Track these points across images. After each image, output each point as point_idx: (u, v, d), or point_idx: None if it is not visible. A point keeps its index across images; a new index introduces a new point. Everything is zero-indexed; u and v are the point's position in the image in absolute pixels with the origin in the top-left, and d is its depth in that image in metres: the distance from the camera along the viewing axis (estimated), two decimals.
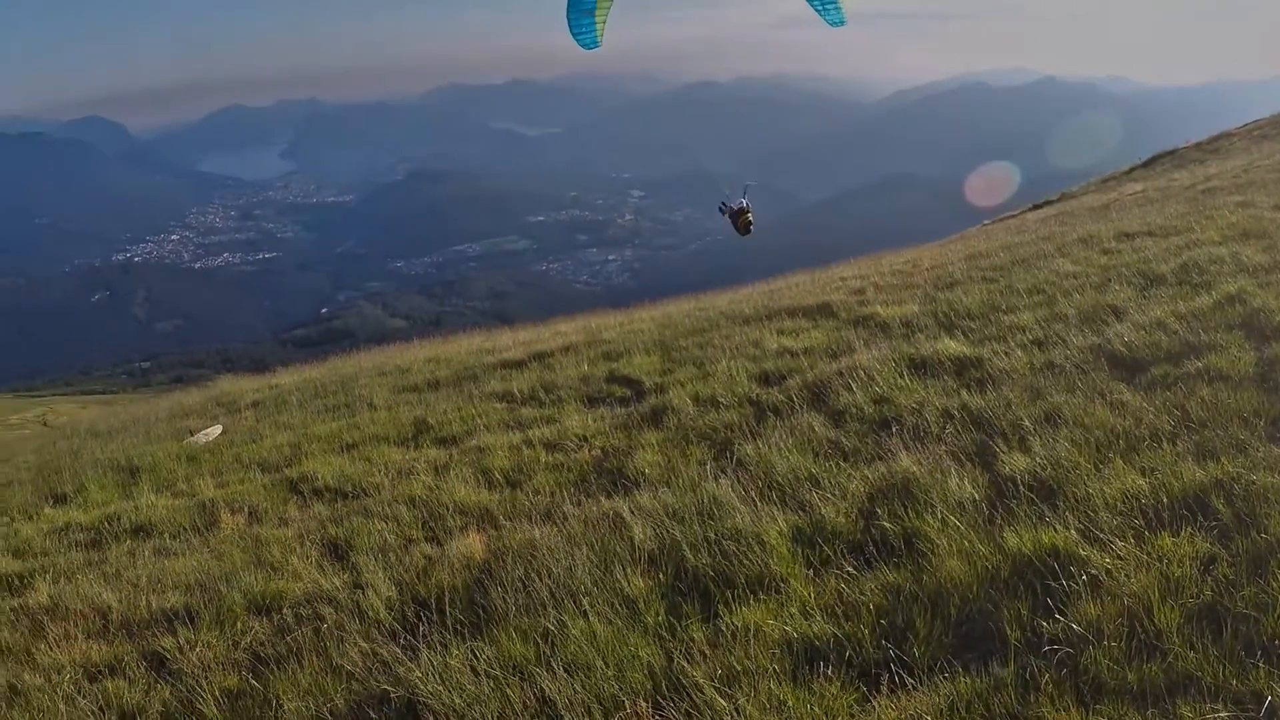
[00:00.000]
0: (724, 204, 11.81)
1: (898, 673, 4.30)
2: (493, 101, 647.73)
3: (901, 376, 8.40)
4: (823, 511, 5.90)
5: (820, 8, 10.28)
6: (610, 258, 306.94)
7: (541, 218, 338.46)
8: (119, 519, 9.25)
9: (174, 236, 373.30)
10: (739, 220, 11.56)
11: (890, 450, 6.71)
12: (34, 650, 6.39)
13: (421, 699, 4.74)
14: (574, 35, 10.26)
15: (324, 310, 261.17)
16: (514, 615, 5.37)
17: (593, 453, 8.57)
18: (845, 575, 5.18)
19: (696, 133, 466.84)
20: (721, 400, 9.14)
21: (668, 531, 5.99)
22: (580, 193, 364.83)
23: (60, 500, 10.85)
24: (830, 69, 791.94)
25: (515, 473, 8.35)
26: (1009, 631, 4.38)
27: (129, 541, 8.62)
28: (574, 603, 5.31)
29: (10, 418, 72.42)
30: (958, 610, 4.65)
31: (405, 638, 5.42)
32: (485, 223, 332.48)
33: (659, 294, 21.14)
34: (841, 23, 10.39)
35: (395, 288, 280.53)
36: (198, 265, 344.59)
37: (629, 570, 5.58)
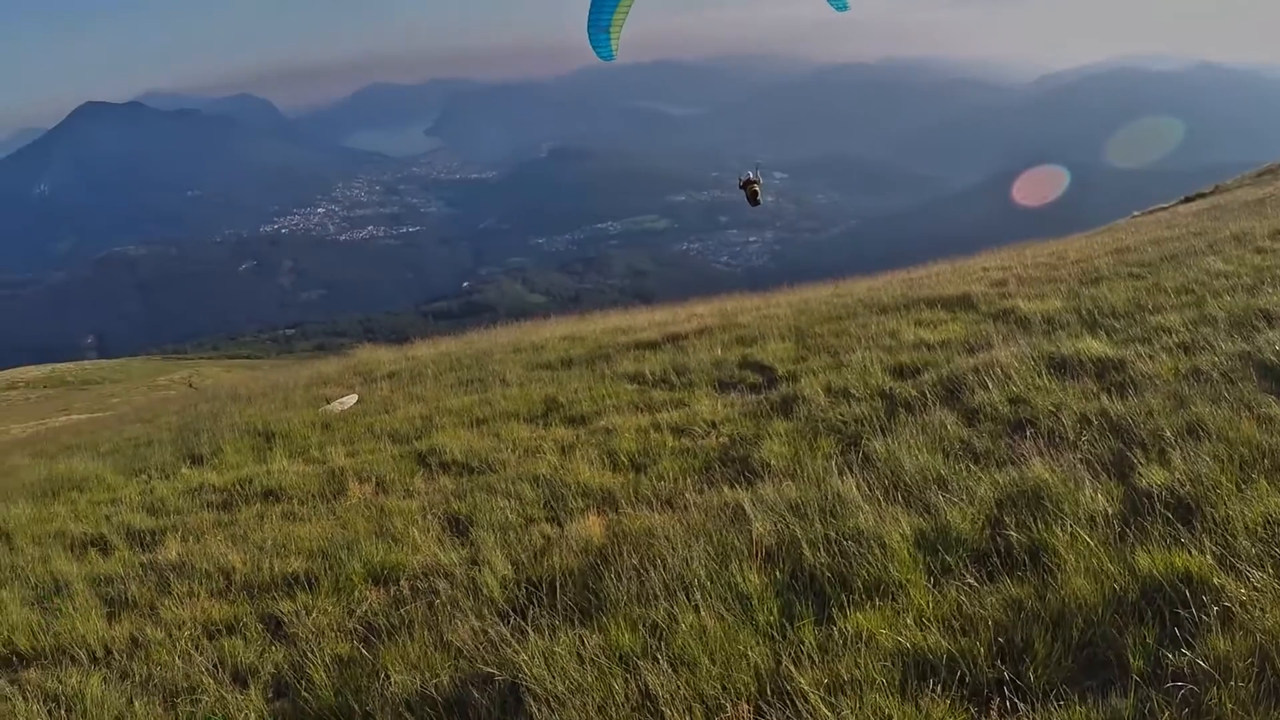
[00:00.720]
0: (742, 182, 14.42)
1: (1010, 696, 4.80)
2: (638, 81, 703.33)
3: (1040, 376, 9.07)
4: (948, 516, 6.50)
5: None
6: (751, 239, 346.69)
7: (683, 197, 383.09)
8: (251, 482, 11.21)
9: (320, 209, 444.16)
10: (747, 190, 14.24)
11: (1023, 455, 7.30)
12: (158, 605, 8.07)
13: (525, 683, 5.61)
14: (593, 48, 12.81)
15: (465, 284, 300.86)
16: (625, 604, 6.21)
17: (720, 440, 9.62)
18: (966, 586, 5.74)
19: (841, 115, 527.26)
20: (854, 392, 10.06)
21: (788, 527, 6.76)
22: (722, 173, 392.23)
23: (197, 461, 13.16)
24: (978, 51, 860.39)
25: (641, 456, 9.50)
26: (1132, 660, 4.84)
27: (259, 505, 10.48)
28: (686, 595, 6.08)
29: (159, 379, 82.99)
30: (1080, 633, 5.13)
31: (515, 619, 6.39)
32: (627, 201, 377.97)
33: (798, 278, 22.60)
34: (845, 8, 12.73)
35: (536, 264, 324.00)
36: (343, 238, 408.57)
37: (745, 565, 6.34)
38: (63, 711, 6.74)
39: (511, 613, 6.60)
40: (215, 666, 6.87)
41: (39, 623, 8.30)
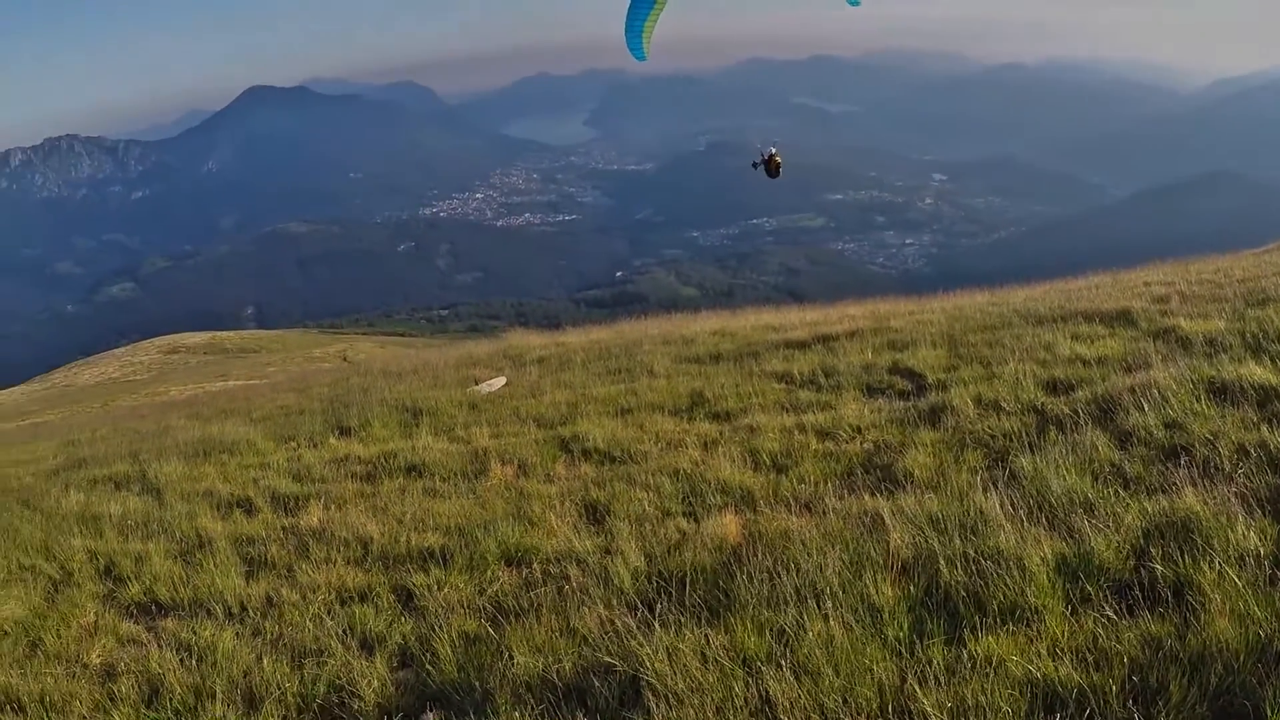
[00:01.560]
0: (755, 163, 16.49)
1: None
2: (795, 77, 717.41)
3: (1198, 401, 8.70)
4: (1092, 543, 6.33)
5: None
6: (907, 241, 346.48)
7: (840, 196, 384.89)
8: (396, 456, 11.75)
9: (478, 195, 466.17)
10: (770, 165, 16.43)
11: (1175, 483, 7.04)
12: (295, 568, 8.55)
13: (646, 677, 5.70)
14: (629, 49, 14.72)
15: (619, 274, 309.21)
16: (754, 606, 6.24)
17: (864, 446, 9.59)
18: (1104, 618, 5.58)
19: (1001, 116, 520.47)
20: (1004, 405, 9.90)
21: (926, 541, 6.71)
22: (880, 173, 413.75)
23: (345, 433, 13.86)
24: (1145, 54, 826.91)
25: (783, 457, 9.55)
26: (1270, 715, 4.64)
27: (401, 479, 10.97)
28: (816, 603, 6.09)
29: (314, 351, 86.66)
30: (1219, 679, 4.92)
31: (643, 611, 6.49)
32: (783, 198, 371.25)
33: (954, 283, 22.34)
34: (856, 2, 14.19)
35: (690, 257, 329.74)
36: (500, 223, 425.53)
37: (879, 576, 6.31)
38: (194, 661, 7.18)
39: (640, 605, 6.68)
40: (345, 632, 7.21)
41: (180, 575, 8.89)
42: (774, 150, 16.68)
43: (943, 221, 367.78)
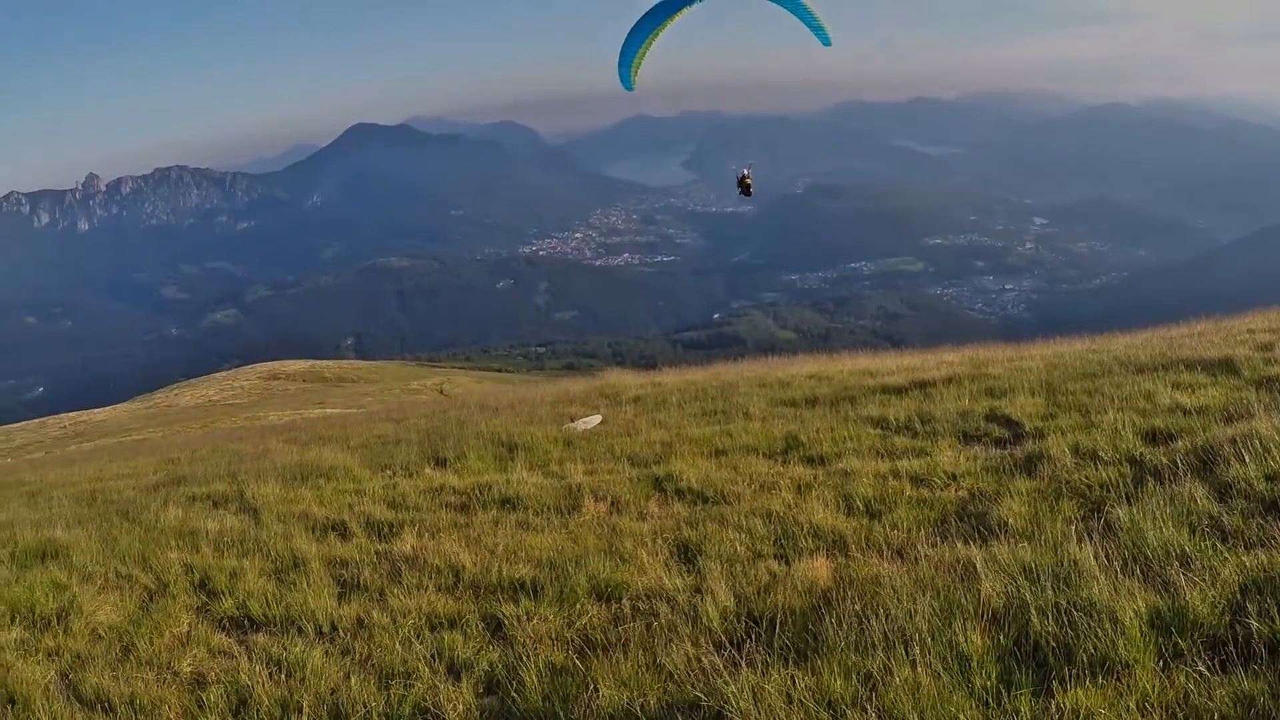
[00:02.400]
0: (738, 180, 19.55)
1: None
2: (893, 119, 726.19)
3: None
4: (1187, 596, 6.22)
5: (814, 28, 15.55)
6: (1007, 287, 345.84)
7: (939, 240, 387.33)
8: (490, 489, 11.97)
9: (577, 234, 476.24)
10: (741, 184, 19.51)
11: (1274, 538, 6.90)
12: (387, 592, 8.78)
13: (730, 715, 5.77)
14: (620, 78, 16.16)
15: (715, 315, 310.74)
16: (841, 650, 6.25)
17: (959, 493, 9.56)
18: (1197, 674, 5.49)
19: (1103, 158, 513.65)
20: (1102, 455, 9.73)
21: (1018, 590, 6.64)
22: (980, 216, 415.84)
23: (440, 464, 14.15)
24: (1254, 93, 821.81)
25: (877, 503, 9.55)
26: None
27: (495, 511, 11.18)
28: (905, 649, 6.08)
29: (411, 383, 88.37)
30: None
31: (730, 650, 6.56)
32: (881, 241, 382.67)
33: (1054, 329, 22.17)
34: (829, 43, 15.71)
35: (787, 300, 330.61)
36: (598, 263, 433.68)
37: (969, 625, 6.27)
38: (283, 676, 7.42)
39: (728, 644, 6.74)
40: (433, 656, 7.39)
41: (273, 593, 9.18)
42: (747, 172, 19.95)
43: (1043, 266, 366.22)
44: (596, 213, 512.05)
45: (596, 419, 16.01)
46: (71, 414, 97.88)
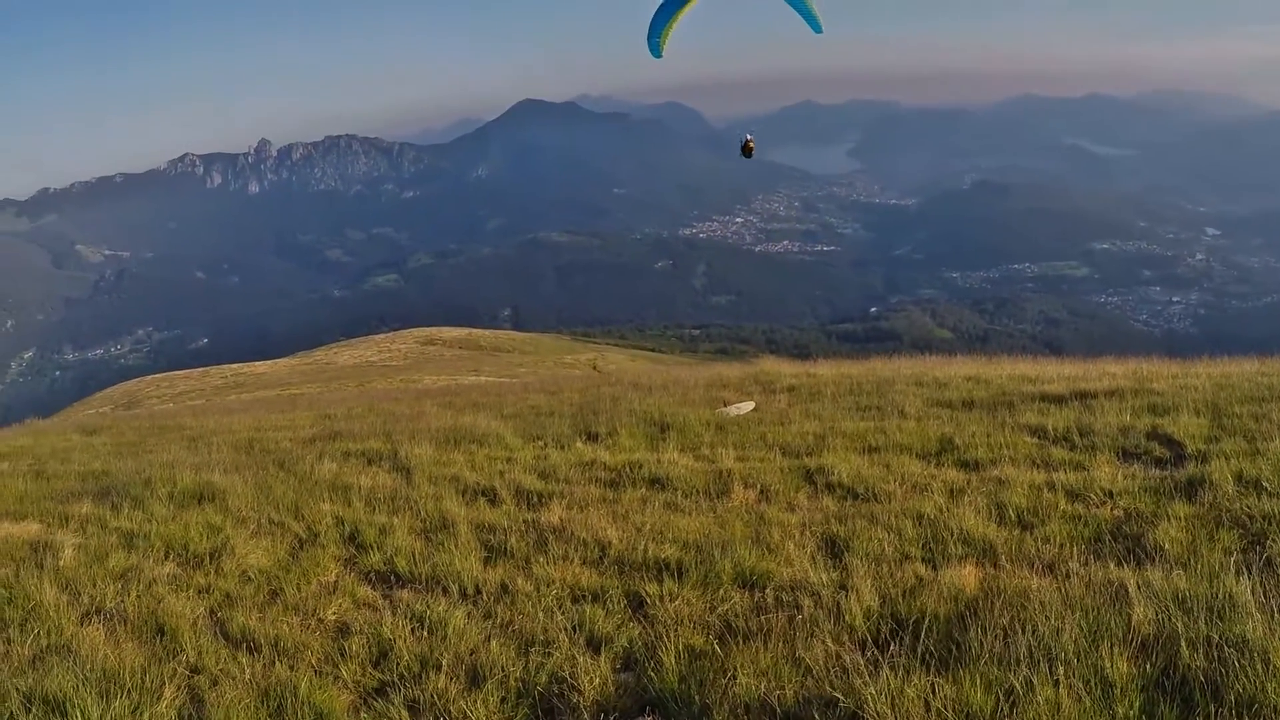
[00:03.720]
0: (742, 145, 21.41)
1: None
2: (1068, 115, 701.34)
3: None
4: None
5: (806, 15, 16.62)
6: (1174, 299, 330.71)
7: (1106, 245, 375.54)
8: (640, 467, 12.11)
9: (738, 219, 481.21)
10: (744, 149, 21.46)
11: None
12: (533, 560, 8.97)
13: (866, 717, 5.77)
14: (649, 47, 17.18)
15: (872, 309, 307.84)
16: (985, 662, 6.18)
17: (1114, 512, 9.25)
18: None
19: None
20: (1266, 485, 9.32)
21: (1169, 619, 6.45)
22: (1150, 223, 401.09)
23: (592, 438, 14.39)
24: None
25: (1030, 514, 9.33)
26: None
27: (644, 489, 11.32)
28: (1049, 667, 5.98)
29: (565, 357, 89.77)
30: None
31: (872, 651, 6.55)
32: (1047, 243, 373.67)
33: (1221, 347, 21.13)
34: (820, 29, 16.78)
35: (946, 298, 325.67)
36: (758, 248, 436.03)
37: (1116, 650, 6.14)
38: (424, 632, 7.65)
39: (870, 644, 6.74)
40: (573, 628, 7.51)
41: (421, 551, 9.47)
42: (749, 138, 21.88)
43: (1213, 280, 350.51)
44: (758, 198, 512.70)
45: (749, 405, 16.01)
46: (233, 365, 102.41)
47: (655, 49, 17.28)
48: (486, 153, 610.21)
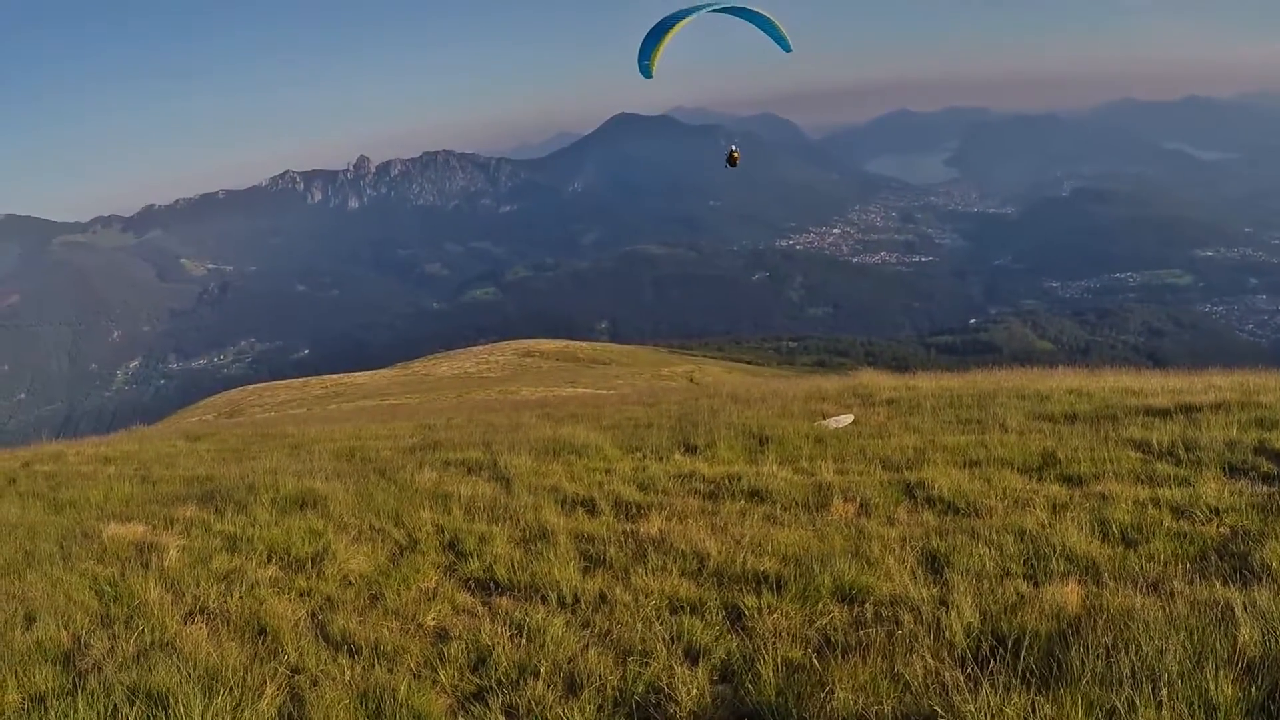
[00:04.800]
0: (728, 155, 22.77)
1: None
2: (1166, 119, 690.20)
3: None
4: None
5: (776, 38, 18.02)
6: None
7: (1210, 253, 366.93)
8: (739, 479, 12.12)
9: (835, 230, 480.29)
10: (730, 159, 22.68)
11: None
12: (631, 571, 9.04)
13: None
14: (639, 67, 17.62)
15: (972, 320, 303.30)
16: (1086, 682, 6.11)
17: (1220, 530, 9.05)
18: None
19: None
20: None
21: (1276, 641, 6.34)
22: (1256, 228, 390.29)
23: (690, 450, 14.43)
24: None
25: (1133, 531, 9.16)
26: None
27: (742, 502, 11.33)
28: (1152, 689, 5.91)
29: (662, 369, 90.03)
30: None
31: (972, 668, 6.50)
32: (1149, 251, 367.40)
33: None
34: (790, 49, 18.14)
35: (1047, 308, 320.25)
36: (855, 260, 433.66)
37: (1221, 673, 6.02)
38: (523, 640, 7.78)
39: (969, 661, 6.69)
40: (671, 638, 7.56)
41: (520, 560, 9.61)
42: (734, 147, 23.36)
43: None
44: (855, 209, 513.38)
45: (848, 418, 15.95)
46: (333, 375, 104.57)
47: (645, 70, 17.86)
48: (582, 167, 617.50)
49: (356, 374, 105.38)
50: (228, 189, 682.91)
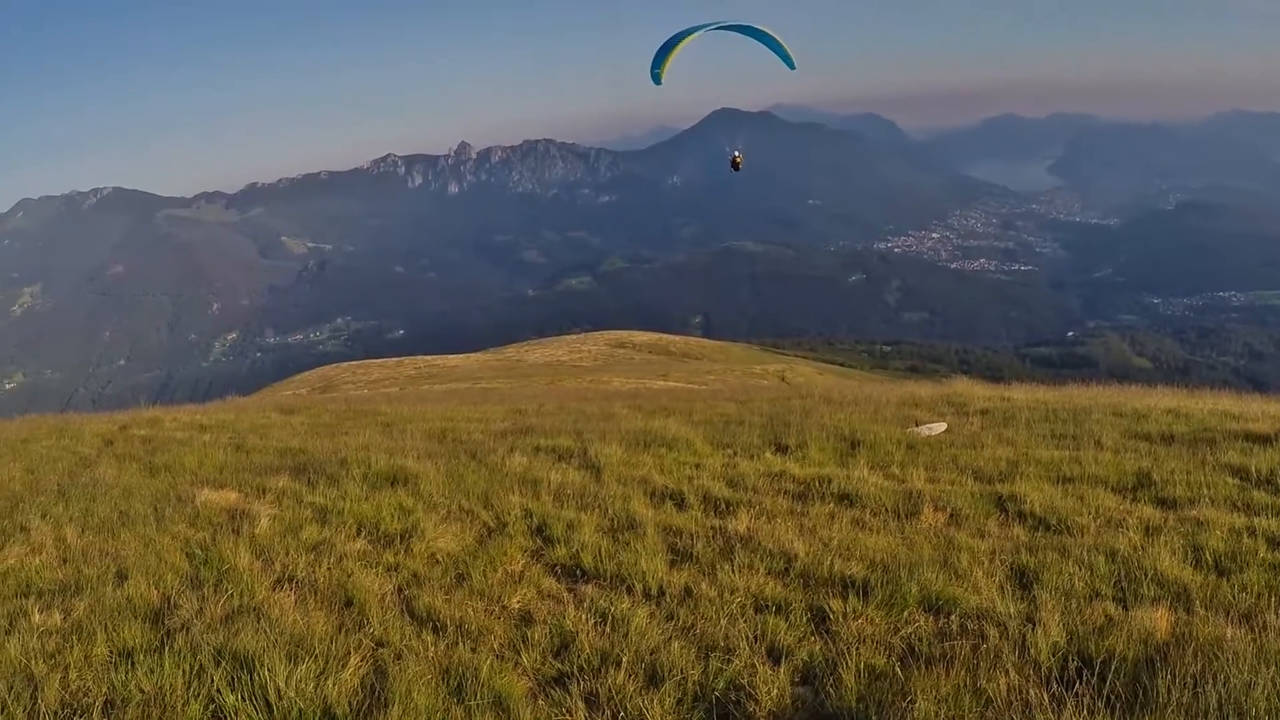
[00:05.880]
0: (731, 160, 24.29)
1: None
2: (1278, 132, 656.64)
3: None
4: None
5: (781, 56, 18.74)
6: None
7: None
8: (829, 482, 12.09)
9: (934, 234, 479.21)
10: (733, 164, 24.12)
11: None
12: (718, 567, 9.05)
13: None
14: (652, 72, 18.67)
15: (1069, 333, 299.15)
16: (1171, 710, 6.06)
17: None
18: None
19: None
20: None
21: None
22: None
23: (781, 450, 14.43)
24: None
25: (1227, 559, 8.95)
26: None
27: (832, 505, 11.28)
28: None
29: (754, 367, 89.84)
30: None
31: (1056, 688, 6.45)
32: (1254, 270, 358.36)
33: None
34: (795, 68, 19.13)
35: (1146, 324, 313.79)
36: (953, 265, 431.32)
37: None
38: (606, 628, 7.84)
39: (1054, 680, 6.64)
40: (754, 637, 7.58)
41: (607, 549, 9.69)
42: (738, 153, 24.50)
43: None
44: (955, 213, 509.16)
45: (941, 426, 15.81)
46: (427, 357, 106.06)
47: (655, 78, 18.91)
48: (682, 160, 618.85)
49: (450, 356, 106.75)
50: (330, 170, 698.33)
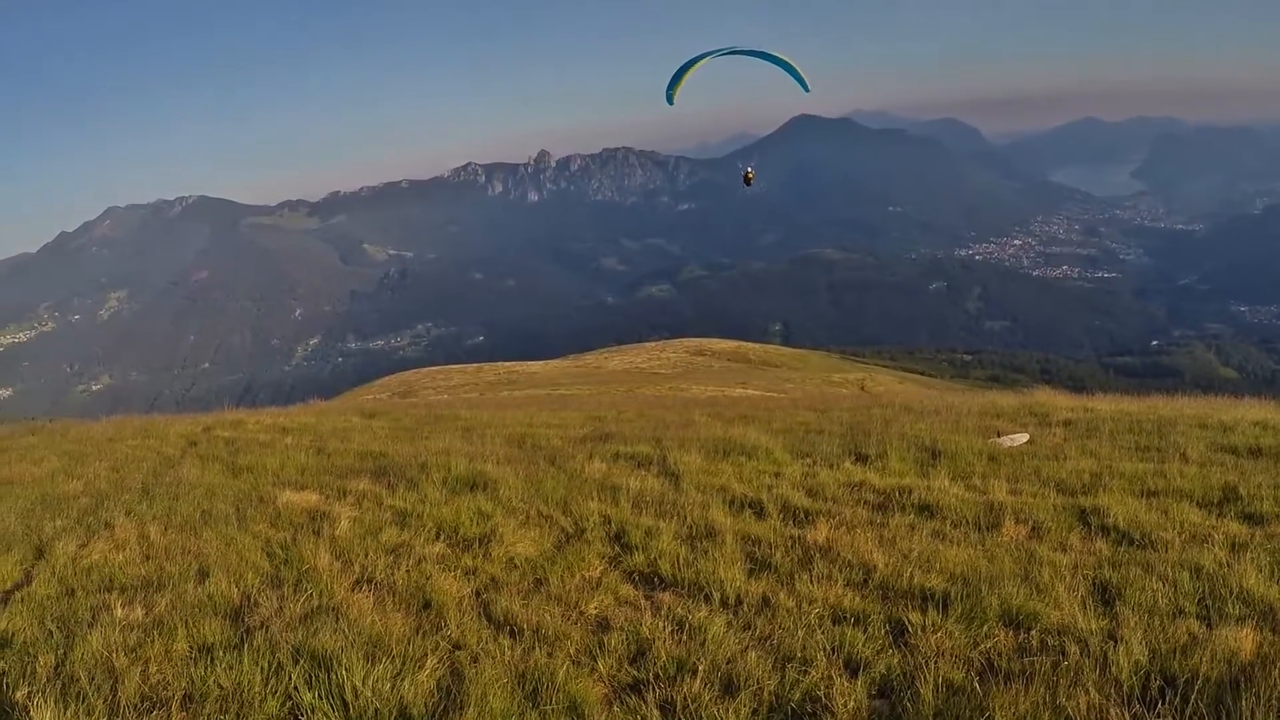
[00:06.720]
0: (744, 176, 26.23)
1: None
2: None
3: None
4: None
5: (796, 79, 19.12)
6: None
7: None
8: (909, 492, 12.02)
9: (1016, 241, 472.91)
10: (745, 179, 26.13)
11: None
12: (796, 577, 9.01)
13: None
14: (667, 90, 19.47)
15: (1154, 342, 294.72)
16: None
17: None
18: None
19: None
20: None
21: None
22: None
23: (861, 459, 14.37)
24: None
25: None
26: None
27: (912, 516, 11.20)
28: None
29: (833, 375, 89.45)
30: None
31: (1138, 707, 6.35)
32: None
33: None
34: (809, 90, 19.28)
35: (1233, 333, 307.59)
36: (1035, 273, 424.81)
37: None
38: (683, 636, 7.84)
39: (1135, 699, 6.53)
40: (832, 648, 7.53)
41: (685, 557, 9.71)
42: (750, 170, 26.89)
43: None
44: (1037, 220, 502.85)
45: (1024, 437, 15.61)
46: (506, 363, 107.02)
47: (669, 98, 19.67)
48: (761, 167, 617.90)
49: (529, 363, 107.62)
50: (411, 178, 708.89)
